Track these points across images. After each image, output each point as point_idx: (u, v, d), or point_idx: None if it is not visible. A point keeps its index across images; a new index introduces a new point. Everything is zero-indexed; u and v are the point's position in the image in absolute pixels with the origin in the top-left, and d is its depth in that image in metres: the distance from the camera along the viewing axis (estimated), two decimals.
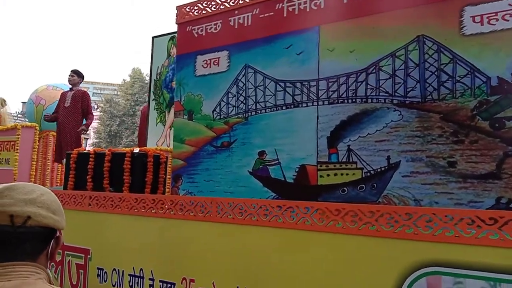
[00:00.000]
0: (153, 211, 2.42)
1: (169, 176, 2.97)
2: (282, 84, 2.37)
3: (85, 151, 3.05)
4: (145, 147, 3.28)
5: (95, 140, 33.01)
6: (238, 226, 2.06)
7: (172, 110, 4.36)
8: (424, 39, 2.01)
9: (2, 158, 3.73)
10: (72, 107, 4.57)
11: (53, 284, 0.97)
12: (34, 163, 3.80)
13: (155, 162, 2.89)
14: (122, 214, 2.55)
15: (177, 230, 2.30)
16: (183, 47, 2.80)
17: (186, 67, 2.76)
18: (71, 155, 3.05)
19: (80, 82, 4.99)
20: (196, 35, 2.75)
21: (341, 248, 1.77)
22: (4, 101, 6.06)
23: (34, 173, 3.82)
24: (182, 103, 2.76)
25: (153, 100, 4.48)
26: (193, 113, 2.70)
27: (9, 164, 3.69)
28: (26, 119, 6.66)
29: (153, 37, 4.59)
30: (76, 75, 4.94)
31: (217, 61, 2.63)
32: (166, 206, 2.36)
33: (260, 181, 2.38)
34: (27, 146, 3.72)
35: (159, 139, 4.37)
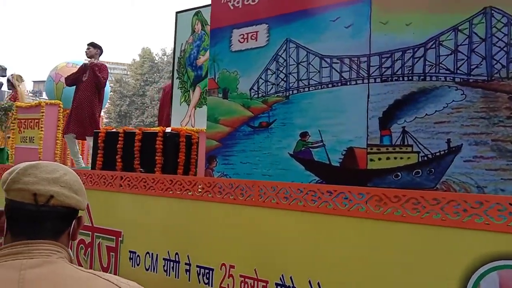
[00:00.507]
0: (189, 193, 2.31)
1: (201, 157, 2.86)
2: (328, 60, 2.20)
3: (113, 130, 2.94)
4: (177, 127, 3.16)
5: (105, 120, 33.22)
6: (282, 211, 1.94)
7: (197, 89, 4.23)
8: (492, 11, 1.82)
9: (26, 136, 3.65)
10: (89, 81, 4.43)
11: (73, 264, 0.96)
12: (59, 141, 3.72)
13: (187, 142, 2.77)
14: (155, 196, 2.44)
15: (216, 213, 2.19)
16: (217, 20, 2.64)
17: (220, 42, 2.61)
18: (99, 134, 2.95)
19: (98, 54, 4.75)
20: (232, 8, 2.58)
21: (400, 238, 1.64)
22: (21, 77, 5.96)
23: (58, 151, 3.75)
24: (216, 80, 2.61)
25: (176, 78, 4.34)
26: (228, 91, 2.55)
27: (33, 142, 3.60)
28: (45, 97, 6.58)
29: (177, 13, 4.41)
30: (92, 47, 4.71)
31: (255, 36, 2.47)
32: (203, 188, 2.25)
33: (302, 164, 2.24)
34: (52, 124, 3.63)
35: (183, 119, 4.24)
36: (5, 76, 6.77)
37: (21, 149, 3.73)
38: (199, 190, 2.27)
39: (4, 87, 6.75)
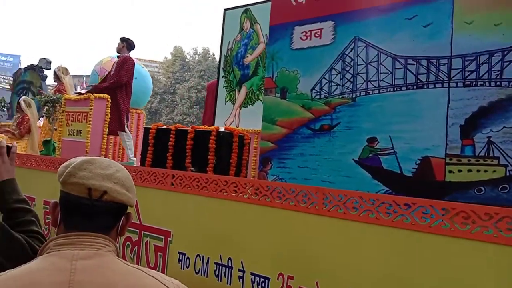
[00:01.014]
0: (245, 196, 2.20)
1: (254, 158, 2.76)
2: (402, 60, 2.05)
3: (165, 127, 2.88)
4: (230, 127, 3.07)
5: None
6: (350, 222, 1.80)
7: (243, 89, 4.13)
8: None
9: (74, 129, 3.65)
10: (112, 75, 4.36)
11: (120, 258, 0.99)
12: (106, 136, 3.71)
13: (239, 142, 2.67)
14: (208, 197, 2.35)
15: (274, 219, 2.07)
16: (278, 17, 2.52)
17: (280, 39, 2.49)
18: (150, 130, 2.89)
19: (126, 48, 4.59)
20: (294, 3, 2.46)
21: (492, 260, 1.47)
22: (66, 69, 6.04)
23: (105, 146, 3.74)
24: (274, 79, 2.50)
25: (222, 77, 4.26)
26: (287, 91, 2.43)
27: (80, 135, 3.60)
28: (82, 91, 6.64)
29: (225, 10, 4.33)
30: (120, 41, 4.61)
31: (319, 33, 2.34)
32: (261, 192, 2.14)
33: (369, 172, 2.09)
34: (99, 118, 3.61)
35: (228, 118, 4.16)
36: (50, 69, 6.92)
37: (68, 142, 3.74)
38: (256, 193, 2.16)
39: (49, 80, 6.91)
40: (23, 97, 5.49)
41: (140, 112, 5.49)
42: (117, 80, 4.20)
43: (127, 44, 4.49)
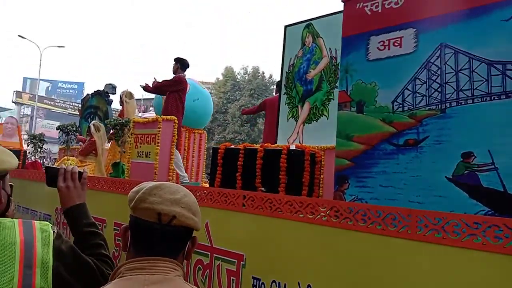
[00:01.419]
0: (323, 218, 2.06)
1: (323, 176, 2.61)
2: (499, 66, 1.83)
3: (233, 147, 2.83)
4: (300, 145, 2.96)
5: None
6: (450, 248, 1.59)
7: (306, 105, 4.02)
8: None
9: (143, 151, 3.73)
10: (169, 96, 4.47)
11: (187, 282, 1.00)
12: (173, 157, 3.75)
13: (311, 161, 2.54)
14: (283, 219, 2.23)
15: (357, 244, 1.90)
16: (351, 27, 2.40)
17: (355, 51, 2.36)
18: (218, 150, 2.85)
19: (180, 69, 4.72)
20: (369, 13, 2.33)
21: None
22: (131, 94, 6.29)
23: (172, 167, 3.78)
24: (349, 93, 2.36)
25: (284, 94, 4.19)
26: (364, 105, 2.28)
27: (149, 157, 3.67)
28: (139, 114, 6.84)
29: (286, 26, 4.29)
30: (174, 62, 4.79)
31: (398, 42, 2.18)
32: (342, 214, 1.99)
33: (465, 191, 1.87)
34: (167, 139, 3.67)
35: (291, 135, 4.06)
36: (115, 93, 7.26)
37: (137, 164, 3.83)
38: (336, 215, 2.01)
39: (115, 104, 7.24)
40: (93, 122, 5.77)
41: (202, 132, 5.55)
42: (164, 83, 4.37)
43: (180, 64, 4.63)
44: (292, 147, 2.52)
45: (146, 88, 4.62)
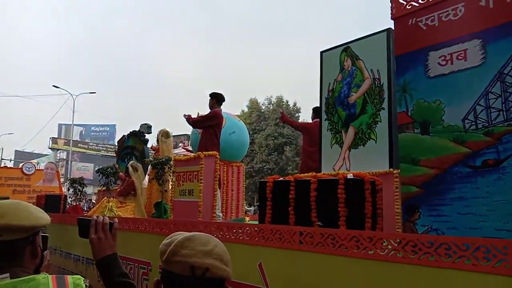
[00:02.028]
0: (398, 254, 1.83)
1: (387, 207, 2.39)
2: None
3: (282, 179, 2.67)
4: (357, 172, 2.74)
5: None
6: None
7: (351, 129, 3.84)
8: None
9: (185, 190, 3.62)
10: (204, 132, 4.40)
11: None
12: (217, 193, 3.61)
13: (372, 189, 2.33)
14: (349, 257, 2.02)
15: (445, 283, 1.67)
16: (405, 45, 2.25)
17: (412, 69, 2.19)
18: (267, 183, 2.69)
19: (217, 103, 4.65)
20: (424, 28, 2.17)
21: None
22: (167, 133, 6.31)
23: (216, 203, 3.63)
24: (409, 113, 2.17)
25: (325, 120, 4.03)
26: (429, 125, 2.09)
27: (192, 195, 3.55)
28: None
29: (322, 52, 4.19)
30: (210, 97, 4.76)
31: (462, 55, 2.00)
32: (421, 250, 1.76)
33: None
34: (210, 176, 3.55)
35: (336, 162, 3.87)
36: (151, 133, 7.31)
37: (179, 203, 3.71)
38: (414, 251, 1.78)
39: (152, 143, 7.28)
40: (130, 162, 5.79)
41: (240, 165, 5.43)
42: (204, 116, 4.31)
43: (216, 99, 4.59)
44: (349, 175, 2.32)
45: (188, 119, 4.58)
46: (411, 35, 2.21)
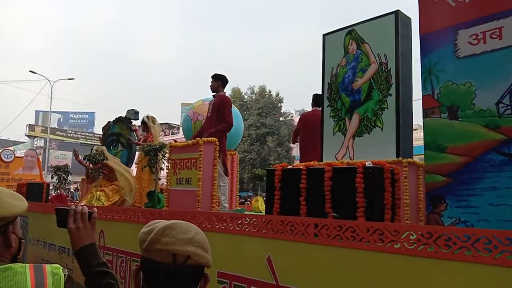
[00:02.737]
0: (429, 249, 1.69)
1: (404, 195, 2.24)
2: None
3: (293, 167, 2.50)
4: (376, 160, 2.59)
5: None
6: None
7: (355, 116, 3.68)
8: None
9: (182, 178, 3.40)
10: (211, 117, 4.09)
11: None
12: (216, 182, 3.40)
13: (392, 178, 2.18)
14: (371, 251, 1.87)
15: (485, 279, 1.54)
16: (430, 23, 2.09)
17: (439, 48, 2.03)
18: (275, 172, 2.52)
19: (222, 86, 4.28)
20: (453, 4, 2.01)
21: None
22: (154, 118, 6.04)
23: (215, 193, 3.42)
24: (436, 97, 2.02)
25: (327, 106, 3.87)
26: (458, 109, 1.94)
27: (190, 184, 3.33)
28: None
29: (324, 35, 4.00)
30: (214, 80, 4.29)
31: (497, 33, 1.85)
32: (455, 243, 1.62)
33: None
34: (209, 163, 3.33)
35: (339, 151, 3.72)
36: (138, 119, 7.01)
37: (176, 192, 3.49)
38: (447, 245, 1.64)
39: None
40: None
41: (234, 153, 5.23)
42: (228, 124, 3.96)
43: (221, 82, 4.25)
44: (368, 163, 2.16)
45: (215, 132, 3.88)
46: (438, 12, 2.05)
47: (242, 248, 2.61)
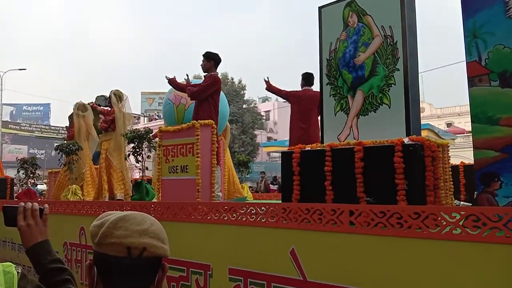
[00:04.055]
0: (497, 233, 1.48)
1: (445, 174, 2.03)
2: None
3: (311, 148, 2.23)
4: (416, 137, 2.34)
5: None
6: None
7: (359, 94, 3.44)
8: None
9: (177, 166, 3.04)
10: (200, 100, 3.79)
11: None
12: (214, 169, 3.07)
13: (433, 157, 1.97)
14: (425, 239, 1.65)
15: None
16: None
17: (485, 8, 1.81)
18: (293, 154, 2.24)
19: (215, 66, 4.01)
20: None
21: None
22: (122, 95, 5.45)
23: (214, 181, 3.10)
24: (483, 63, 1.80)
25: (327, 84, 3.62)
26: (510, 76, 1.73)
27: (187, 172, 2.99)
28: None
29: (320, 8, 3.73)
30: (206, 58, 4.00)
31: None
32: None
33: None
34: (207, 149, 2.99)
35: (342, 131, 3.49)
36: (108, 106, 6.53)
37: (170, 182, 3.13)
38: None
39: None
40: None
41: (221, 138, 4.91)
42: (201, 89, 3.74)
43: (214, 61, 3.90)
44: (406, 140, 1.93)
45: (183, 88, 3.88)
46: None
47: (258, 241, 2.34)
